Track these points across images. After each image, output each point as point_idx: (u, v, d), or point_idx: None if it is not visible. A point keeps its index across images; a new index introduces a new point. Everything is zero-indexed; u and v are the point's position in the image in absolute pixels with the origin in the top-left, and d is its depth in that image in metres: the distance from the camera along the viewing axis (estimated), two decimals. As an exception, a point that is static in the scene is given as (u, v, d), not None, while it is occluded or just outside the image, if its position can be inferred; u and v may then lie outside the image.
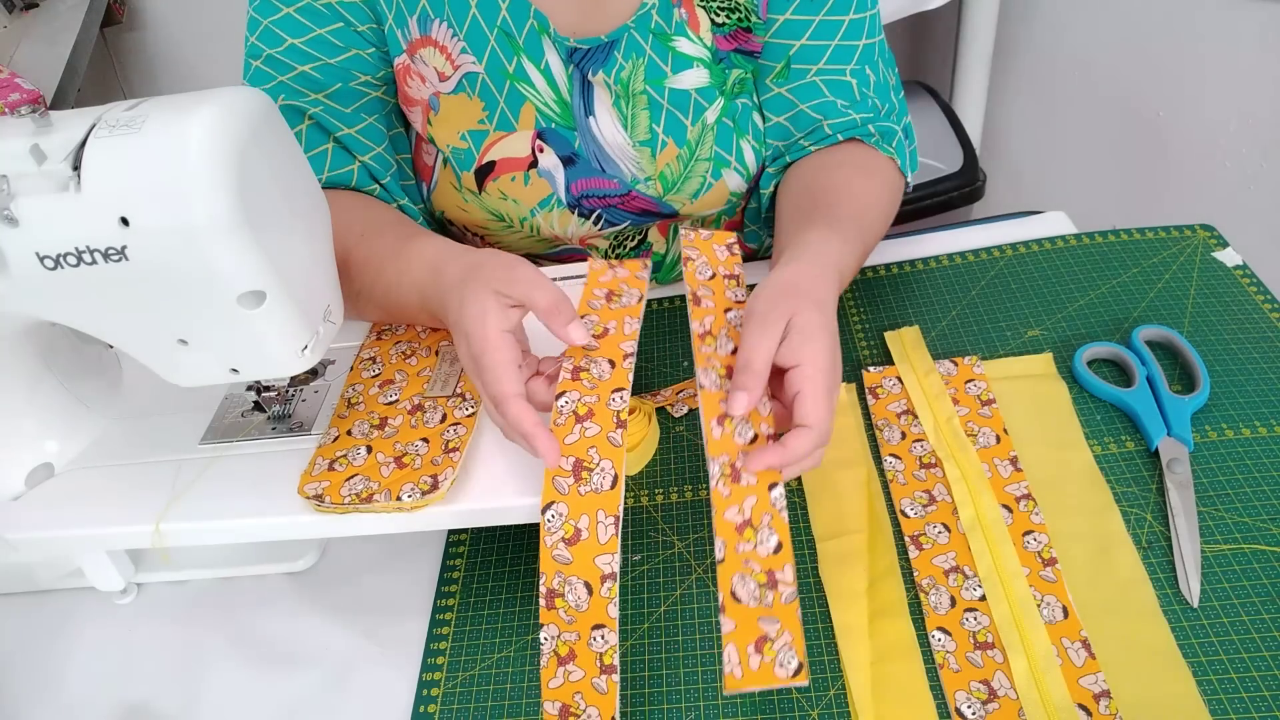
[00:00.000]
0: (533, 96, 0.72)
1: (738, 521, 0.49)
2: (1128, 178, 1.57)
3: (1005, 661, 0.51)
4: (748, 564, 0.47)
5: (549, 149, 0.73)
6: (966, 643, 0.53)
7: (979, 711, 0.50)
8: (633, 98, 0.72)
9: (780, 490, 0.50)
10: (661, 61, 0.71)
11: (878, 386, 0.68)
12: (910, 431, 0.64)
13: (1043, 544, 0.56)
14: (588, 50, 0.70)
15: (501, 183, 0.74)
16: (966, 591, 0.55)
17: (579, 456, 0.51)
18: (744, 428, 0.51)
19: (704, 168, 0.74)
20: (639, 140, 0.73)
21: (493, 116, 0.72)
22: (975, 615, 0.54)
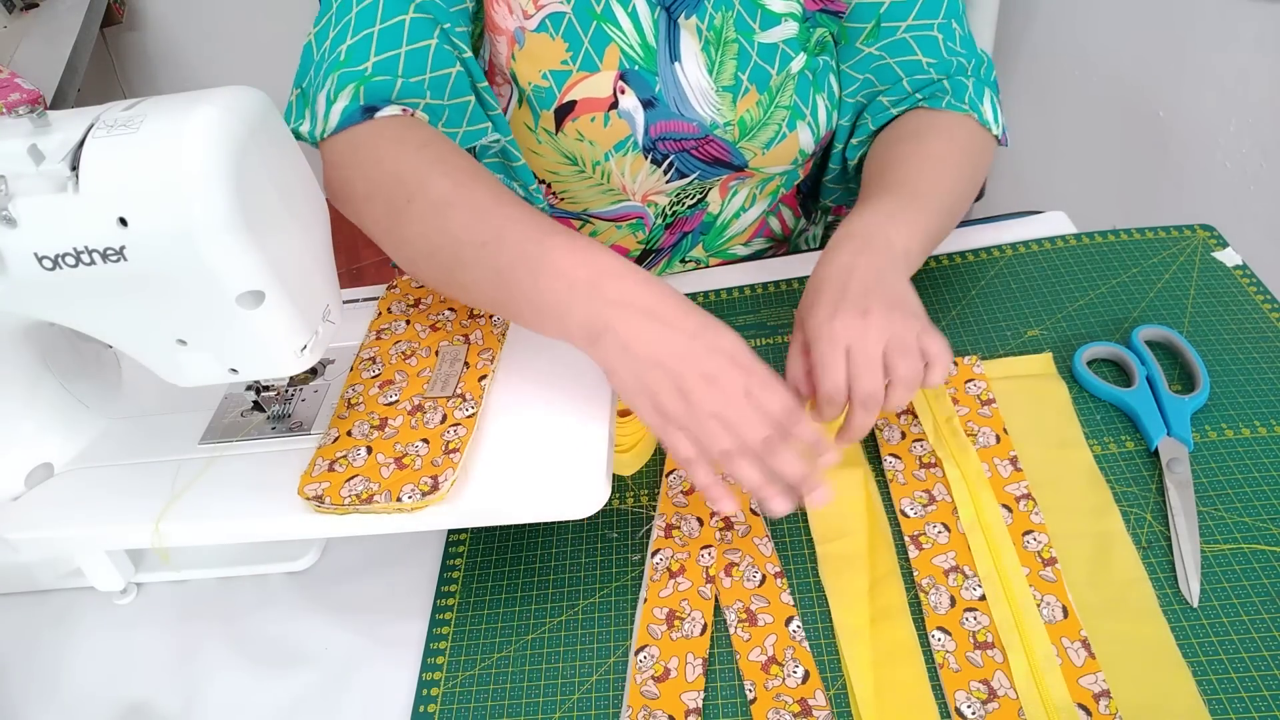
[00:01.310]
0: (619, 38, 0.72)
1: (763, 661, 0.54)
2: (1128, 178, 1.57)
3: (1005, 661, 0.51)
4: (779, 698, 0.52)
5: (630, 90, 0.74)
6: (966, 642, 0.53)
7: (979, 711, 0.50)
8: (724, 45, 0.73)
9: (798, 623, 0.55)
10: (750, 17, 0.73)
11: None
12: (910, 431, 0.64)
13: (1043, 544, 0.56)
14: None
15: (581, 123, 0.74)
16: (966, 591, 0.55)
17: (672, 607, 0.57)
18: (752, 571, 0.58)
19: (782, 115, 0.75)
20: (723, 86, 0.74)
21: (576, 57, 0.72)
22: (975, 615, 0.54)
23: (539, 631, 0.58)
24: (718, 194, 0.83)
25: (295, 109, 0.69)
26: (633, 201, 0.81)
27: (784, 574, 0.58)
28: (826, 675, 0.53)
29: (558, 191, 0.81)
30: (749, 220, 0.86)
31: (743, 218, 0.85)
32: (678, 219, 0.83)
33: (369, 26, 0.66)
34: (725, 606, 0.57)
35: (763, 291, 0.79)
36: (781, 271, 0.81)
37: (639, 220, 0.83)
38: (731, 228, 0.86)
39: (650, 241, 0.84)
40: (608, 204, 0.82)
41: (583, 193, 0.80)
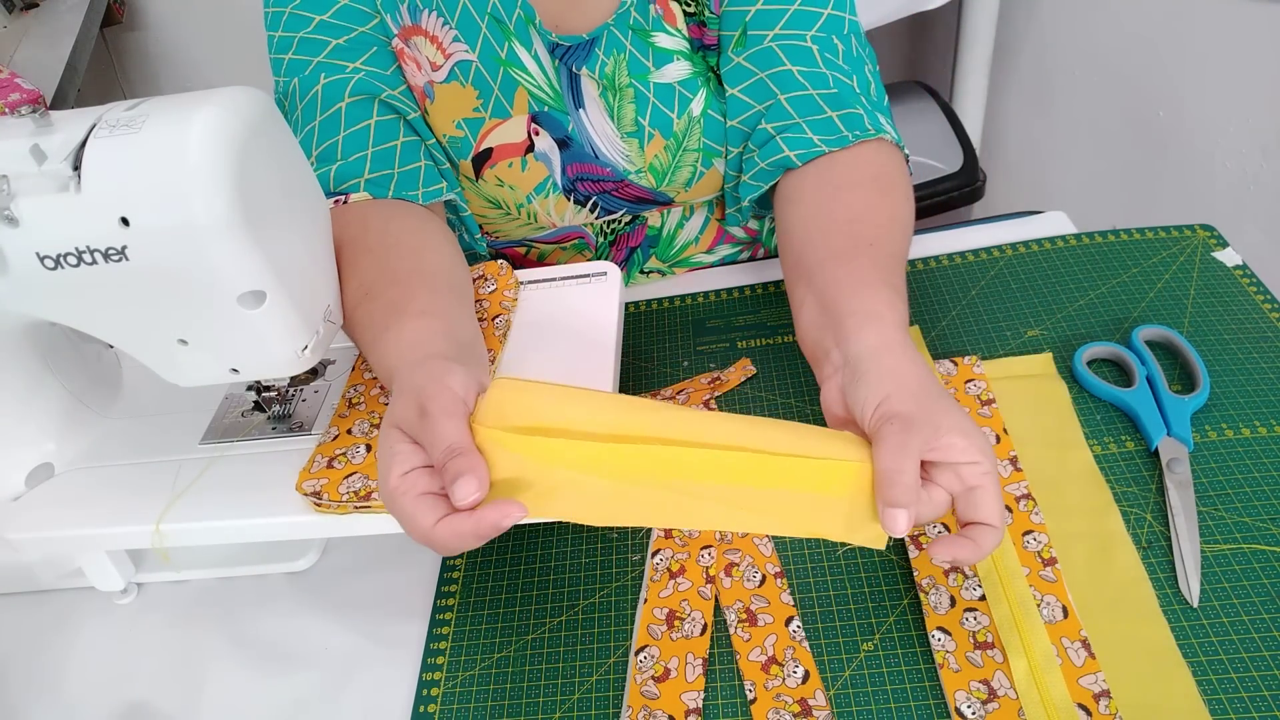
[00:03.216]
0: (526, 81, 0.72)
1: (762, 661, 0.54)
2: (1128, 178, 1.57)
3: (1005, 661, 0.51)
4: (779, 698, 0.52)
5: (544, 131, 0.74)
6: (966, 642, 0.53)
7: (979, 711, 0.50)
8: (619, 91, 0.72)
9: (798, 623, 0.55)
10: (643, 57, 0.72)
11: None
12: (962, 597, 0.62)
13: (1042, 544, 0.56)
14: (570, 47, 0.71)
15: (499, 169, 0.75)
16: (966, 591, 0.55)
17: (672, 608, 0.57)
18: (752, 571, 0.58)
19: (693, 158, 0.75)
20: (626, 132, 0.74)
21: (487, 104, 0.73)
22: (975, 615, 0.54)
23: (539, 631, 0.58)
24: (655, 211, 0.83)
25: None
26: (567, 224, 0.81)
27: (784, 574, 0.58)
28: (826, 675, 0.53)
29: (490, 231, 0.81)
30: (696, 229, 0.85)
31: (687, 227, 0.85)
32: (619, 236, 0.83)
33: (310, 122, 0.69)
34: (725, 606, 0.57)
35: (763, 292, 0.79)
36: (779, 273, 0.80)
37: (580, 240, 0.83)
38: (679, 238, 0.85)
39: (599, 259, 0.84)
40: (543, 234, 0.82)
41: (514, 231, 0.81)
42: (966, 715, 0.49)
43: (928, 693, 0.51)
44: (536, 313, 0.67)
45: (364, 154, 0.68)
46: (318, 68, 0.69)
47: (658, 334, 0.77)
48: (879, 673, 0.53)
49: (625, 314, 0.79)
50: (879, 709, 0.51)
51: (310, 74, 0.69)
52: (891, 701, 0.51)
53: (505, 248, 0.84)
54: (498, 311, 0.66)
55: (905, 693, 0.52)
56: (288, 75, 0.70)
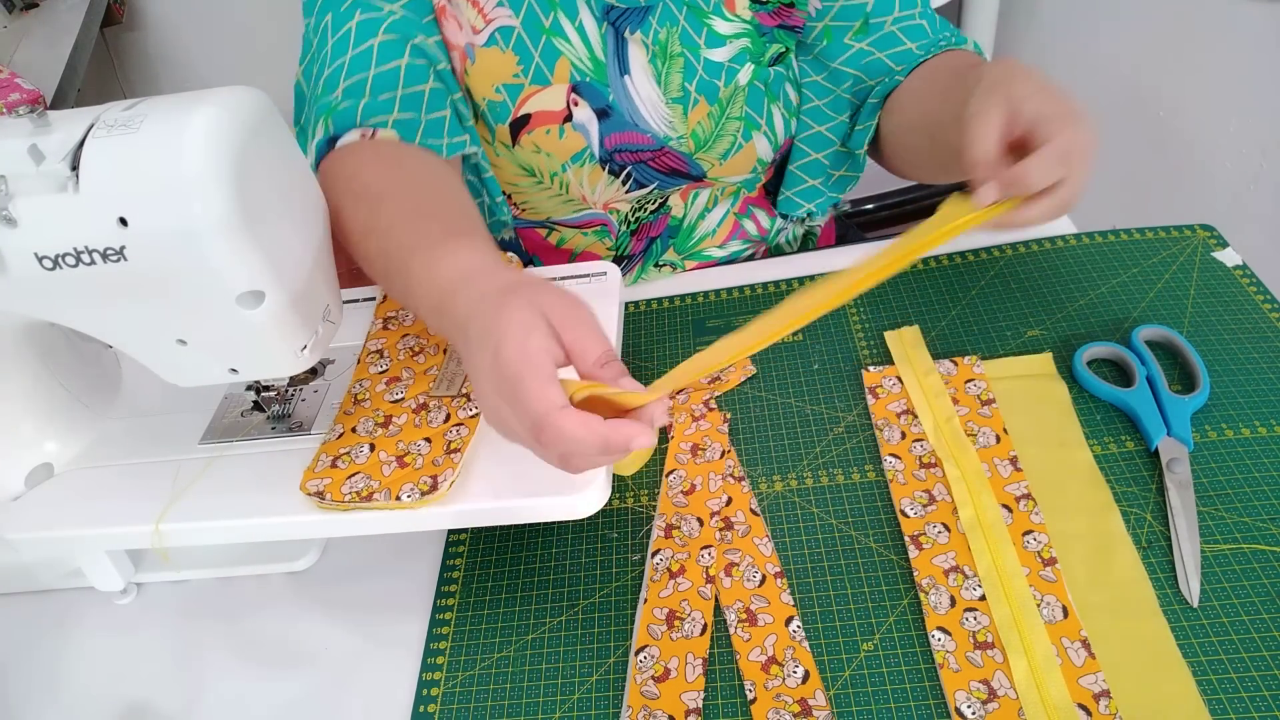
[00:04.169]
0: (568, 51, 0.73)
1: (763, 661, 0.54)
2: (1128, 178, 1.57)
3: (1005, 661, 0.51)
4: (779, 698, 0.52)
5: (584, 102, 0.74)
6: (966, 642, 0.53)
7: (979, 711, 0.50)
8: (670, 59, 0.73)
9: (798, 623, 0.55)
10: (695, 34, 0.73)
11: (877, 386, 0.68)
12: (910, 431, 0.64)
13: (1043, 544, 0.56)
14: (625, 10, 0.72)
15: (536, 135, 0.75)
16: (966, 591, 0.55)
17: (672, 608, 0.57)
18: (752, 571, 0.58)
19: (735, 127, 0.76)
20: (671, 98, 0.75)
21: (527, 70, 0.73)
22: (975, 615, 0.54)
23: (539, 631, 0.58)
24: (679, 198, 0.83)
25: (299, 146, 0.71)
26: (594, 209, 0.81)
27: (784, 574, 0.58)
28: (826, 675, 0.53)
29: (519, 203, 0.81)
30: (715, 221, 0.86)
31: (708, 218, 0.86)
32: (642, 225, 0.84)
33: (341, 56, 0.69)
34: (725, 606, 0.57)
35: (762, 291, 0.79)
36: (780, 272, 0.81)
37: (603, 227, 0.83)
38: (699, 229, 0.86)
39: (619, 248, 0.85)
40: (569, 212, 0.82)
41: (543, 203, 0.81)
42: (966, 715, 0.49)
43: (928, 693, 0.51)
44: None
45: (393, 95, 0.68)
46: (354, 4, 0.69)
47: (658, 334, 0.77)
48: (879, 673, 0.53)
49: (625, 314, 0.79)
50: (879, 709, 0.51)
51: (345, 10, 0.69)
52: (891, 701, 0.51)
53: (528, 227, 0.84)
54: None
55: (905, 693, 0.52)
56: (320, 12, 0.70)
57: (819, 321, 0.75)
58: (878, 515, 0.60)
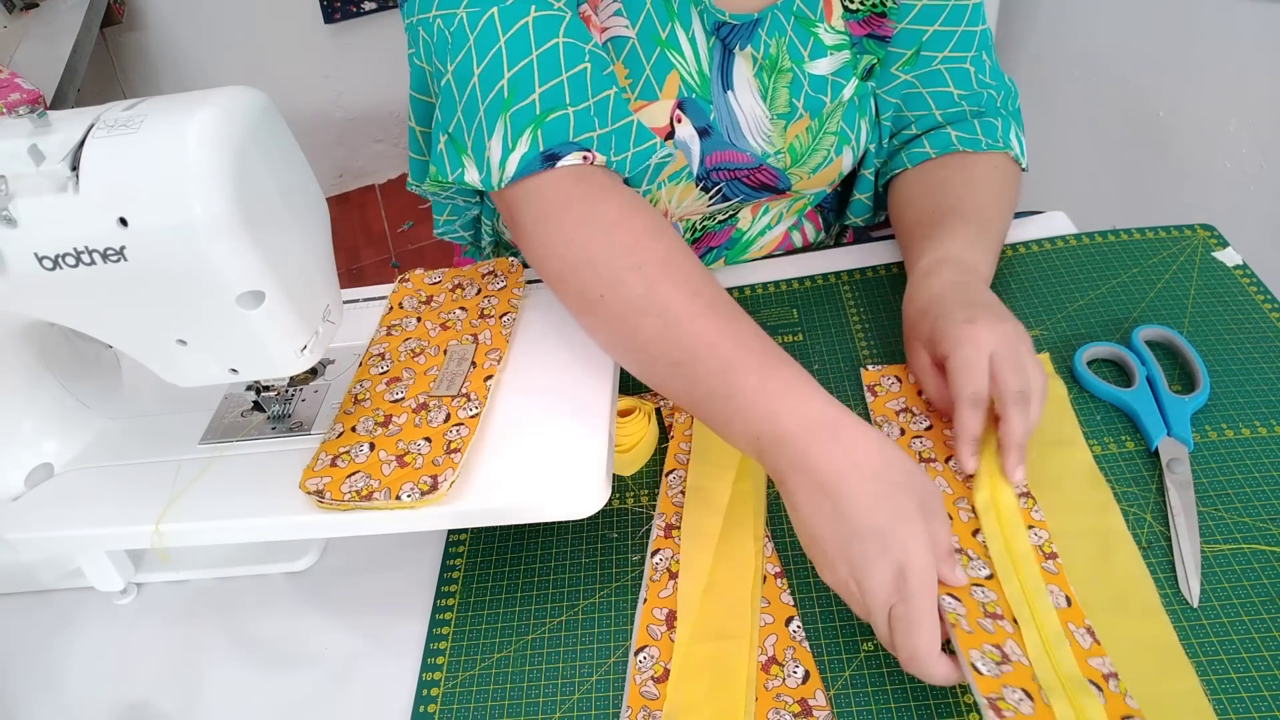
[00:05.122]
0: (680, 65, 0.71)
1: (763, 661, 0.54)
2: (1128, 178, 1.57)
3: (1016, 633, 0.51)
4: (779, 698, 0.51)
5: (686, 119, 0.73)
6: (977, 610, 0.52)
7: (994, 670, 0.48)
8: (778, 73, 0.73)
9: (798, 623, 0.55)
10: (801, 45, 0.73)
11: (876, 385, 0.68)
12: (909, 428, 0.64)
13: (1043, 539, 0.56)
14: (735, 25, 0.71)
15: None
16: (972, 570, 0.55)
17: (672, 608, 0.57)
18: None
19: (830, 142, 0.77)
20: (777, 113, 0.74)
21: (636, 84, 0.71)
22: (983, 590, 0.53)
23: (539, 631, 0.58)
24: (749, 212, 0.83)
25: (448, 158, 0.64)
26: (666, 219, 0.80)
27: (784, 574, 0.58)
28: (826, 675, 0.53)
29: None
30: (774, 236, 0.86)
31: (769, 234, 0.86)
32: (705, 234, 0.83)
33: (525, 55, 0.60)
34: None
35: (763, 292, 0.79)
36: (779, 272, 0.81)
37: None
38: (757, 243, 0.86)
39: None
40: None
41: None
42: (982, 670, 0.48)
43: (928, 692, 0.51)
44: (541, 311, 0.67)
45: (587, 104, 0.61)
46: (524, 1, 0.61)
47: (657, 334, 0.77)
48: (879, 673, 0.53)
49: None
50: (879, 709, 0.51)
51: (513, 5, 0.60)
52: (891, 701, 0.51)
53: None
54: (506, 309, 0.66)
55: (905, 693, 0.52)
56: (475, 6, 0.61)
57: (819, 321, 0.75)
58: (878, 515, 0.60)
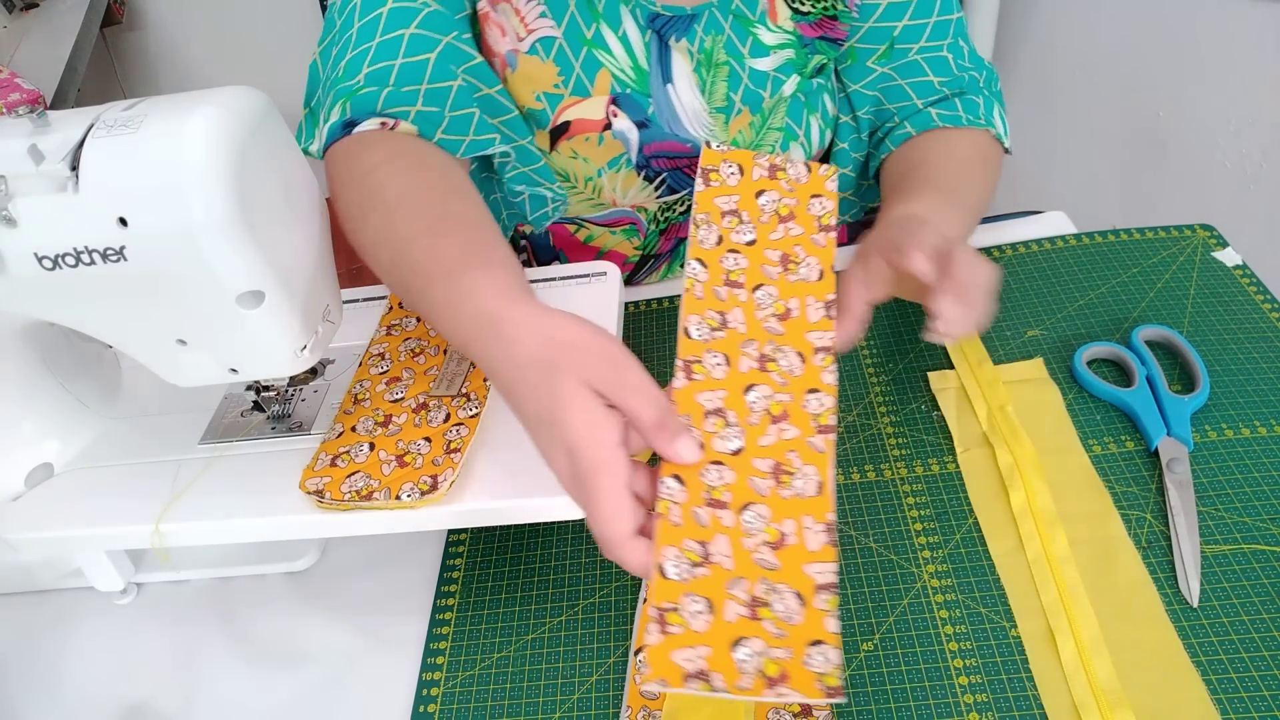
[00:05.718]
0: (609, 63, 0.73)
1: None
2: (1128, 178, 1.57)
3: (736, 525, 0.43)
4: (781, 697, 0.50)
5: (623, 113, 0.74)
6: (699, 495, 0.44)
7: (685, 573, 0.42)
8: (714, 67, 0.74)
9: None
10: (740, 43, 0.74)
11: (714, 170, 0.56)
12: (730, 238, 0.53)
13: (826, 407, 0.48)
14: (670, 18, 0.72)
15: (575, 142, 0.75)
16: (720, 441, 0.46)
17: None
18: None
19: (775, 137, 0.77)
20: (716, 107, 0.75)
21: (568, 81, 0.73)
22: (720, 470, 0.45)
23: (539, 631, 0.58)
24: None
25: (304, 130, 0.69)
26: (623, 207, 0.81)
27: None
28: (826, 675, 0.53)
29: None
30: None
31: None
32: (671, 224, 0.84)
33: (367, 42, 0.66)
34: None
35: (763, 291, 0.79)
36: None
37: (632, 226, 0.83)
38: None
39: (647, 248, 0.85)
40: (597, 212, 0.82)
41: (574, 206, 0.81)
42: (669, 573, 0.42)
43: (928, 693, 0.51)
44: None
45: (418, 88, 0.65)
46: None
47: (658, 334, 0.77)
48: (879, 673, 0.53)
49: (625, 314, 0.79)
50: (879, 709, 0.51)
51: None
52: (891, 701, 0.51)
53: (558, 223, 0.84)
54: None
55: (905, 693, 0.52)
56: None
57: (819, 321, 0.75)
58: (878, 515, 0.60)
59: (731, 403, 0.48)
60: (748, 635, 0.41)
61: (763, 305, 0.51)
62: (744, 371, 0.49)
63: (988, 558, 0.57)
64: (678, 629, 0.40)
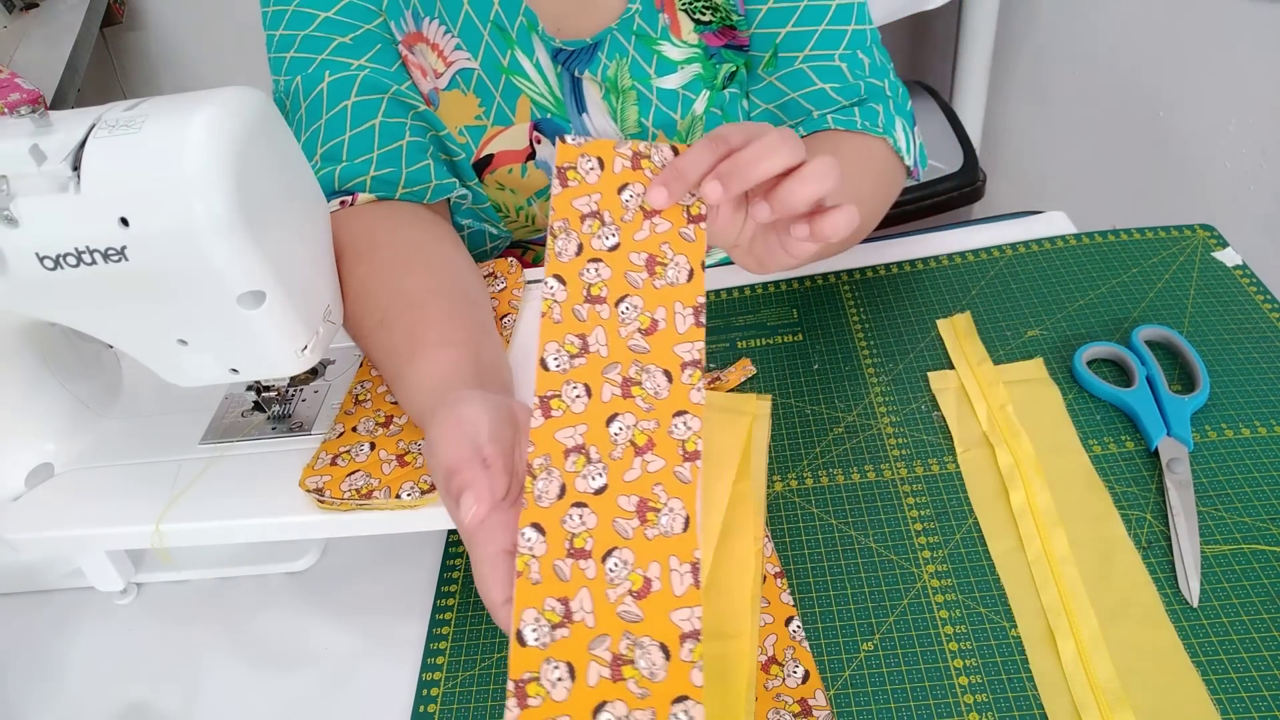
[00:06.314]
0: (528, 89, 0.72)
1: (763, 661, 0.53)
2: (1128, 178, 1.57)
3: (599, 575, 0.42)
4: (779, 698, 0.51)
5: (545, 140, 0.74)
6: (560, 548, 0.42)
7: (545, 638, 0.40)
8: (621, 93, 0.73)
9: (798, 623, 0.54)
10: (645, 63, 0.72)
11: (571, 167, 0.50)
12: (591, 245, 0.49)
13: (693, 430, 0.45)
14: (572, 51, 0.72)
15: (499, 174, 0.75)
16: (584, 480, 0.44)
17: None
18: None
19: None
20: (629, 133, 0.74)
21: (489, 112, 0.73)
22: (583, 513, 0.43)
23: None
24: None
25: None
26: None
27: (784, 574, 0.58)
28: (826, 675, 0.53)
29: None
30: None
31: None
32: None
33: (316, 122, 0.68)
34: None
35: (762, 291, 0.79)
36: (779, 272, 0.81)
37: None
38: None
39: None
40: (538, 235, 0.82)
41: (517, 233, 0.81)
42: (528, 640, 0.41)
43: (928, 693, 0.51)
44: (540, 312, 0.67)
45: (369, 156, 0.68)
46: (322, 65, 0.68)
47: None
48: (879, 673, 0.53)
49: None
50: (879, 709, 0.51)
51: (314, 71, 0.68)
52: (891, 701, 0.51)
53: (509, 249, 0.84)
54: (506, 311, 0.66)
55: (905, 693, 0.52)
56: (289, 74, 0.69)
57: (819, 321, 0.75)
58: (878, 515, 0.61)
59: (593, 437, 0.45)
60: (610, 699, 0.40)
61: (627, 320, 0.48)
62: (606, 400, 0.46)
63: (988, 558, 0.57)
64: (537, 700, 0.39)
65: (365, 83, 0.68)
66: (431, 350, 0.54)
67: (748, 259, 0.55)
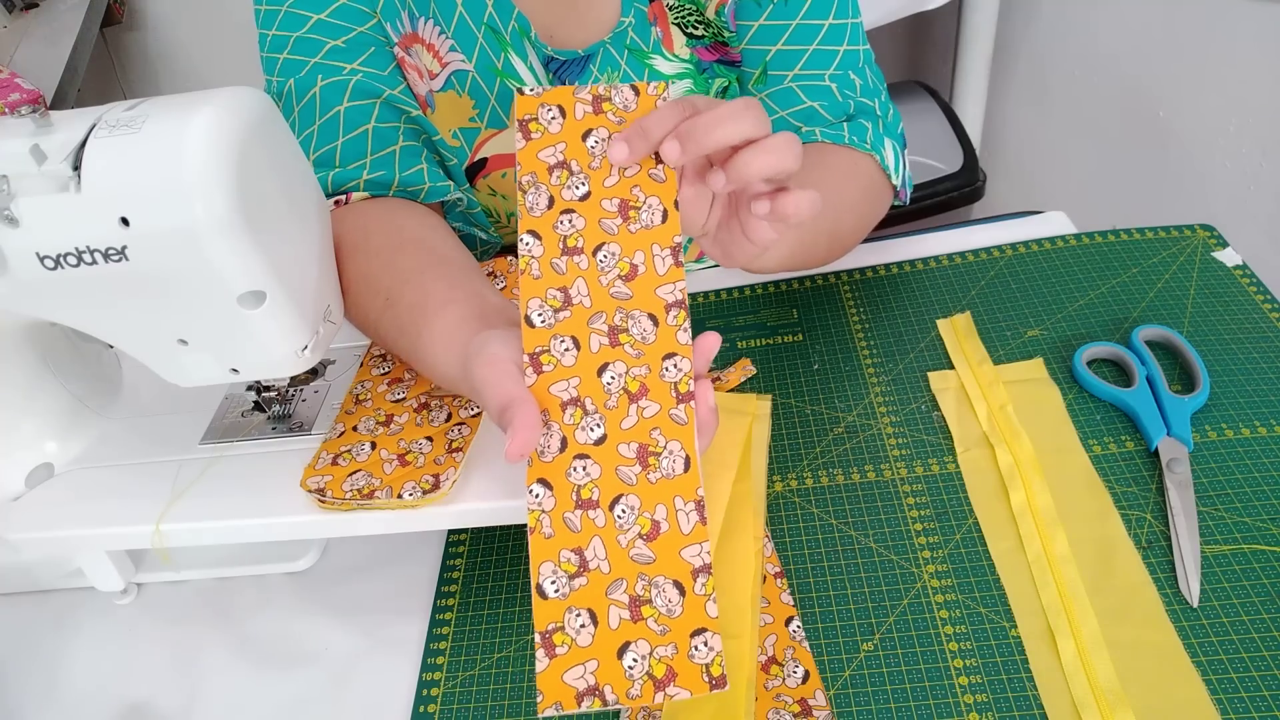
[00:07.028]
0: None
1: (763, 661, 0.53)
2: (1128, 178, 1.57)
3: (609, 523, 0.43)
4: (779, 698, 0.51)
5: None
6: (568, 500, 0.44)
7: (563, 588, 0.42)
8: None
9: (798, 623, 0.54)
10: (637, 77, 0.72)
11: (533, 118, 0.50)
12: (561, 197, 0.49)
13: (684, 372, 0.47)
14: (564, 61, 0.71)
15: (492, 179, 0.75)
16: (583, 432, 0.45)
17: None
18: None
19: None
20: None
21: (484, 114, 0.73)
22: (585, 465, 0.44)
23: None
24: None
25: None
26: None
27: (784, 574, 0.58)
28: (826, 675, 0.53)
29: None
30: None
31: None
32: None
33: (309, 126, 0.68)
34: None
35: (762, 291, 0.79)
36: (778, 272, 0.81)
37: None
38: None
39: None
40: None
41: (506, 239, 0.81)
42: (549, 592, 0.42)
43: (928, 693, 0.52)
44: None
45: (363, 161, 0.68)
46: (315, 69, 0.68)
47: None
48: (879, 673, 0.53)
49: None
50: (879, 709, 0.51)
51: (307, 75, 0.68)
52: (891, 701, 0.52)
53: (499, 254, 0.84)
54: None
55: (905, 693, 0.52)
56: (282, 75, 0.69)
57: (819, 321, 0.75)
58: (878, 515, 0.61)
59: (586, 389, 0.46)
60: (633, 639, 0.41)
61: (606, 268, 0.48)
62: (595, 351, 0.47)
63: (988, 558, 0.57)
64: (564, 649, 0.41)
65: (358, 87, 0.68)
66: (438, 312, 0.55)
67: (714, 248, 0.55)
